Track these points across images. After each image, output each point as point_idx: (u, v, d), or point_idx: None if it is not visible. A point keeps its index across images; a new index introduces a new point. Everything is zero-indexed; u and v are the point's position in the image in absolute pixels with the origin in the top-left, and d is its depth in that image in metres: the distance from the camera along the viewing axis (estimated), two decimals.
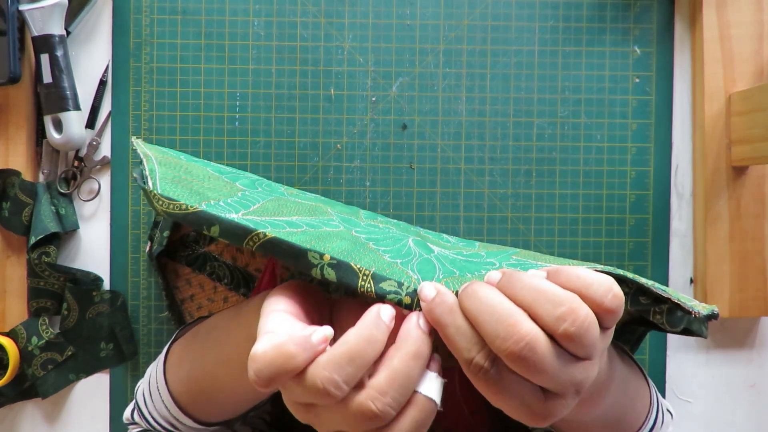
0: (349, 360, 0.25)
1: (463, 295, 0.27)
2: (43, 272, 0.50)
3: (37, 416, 0.52)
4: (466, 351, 0.26)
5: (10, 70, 0.48)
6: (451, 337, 0.26)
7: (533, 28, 0.53)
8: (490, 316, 0.25)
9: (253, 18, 0.52)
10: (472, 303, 0.26)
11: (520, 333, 0.24)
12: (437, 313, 0.27)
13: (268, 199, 0.38)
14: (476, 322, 0.26)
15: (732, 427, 0.55)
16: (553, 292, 0.25)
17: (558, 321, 0.24)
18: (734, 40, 0.52)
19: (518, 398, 0.26)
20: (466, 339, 0.26)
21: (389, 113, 0.53)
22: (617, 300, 0.25)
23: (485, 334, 0.25)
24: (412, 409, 0.26)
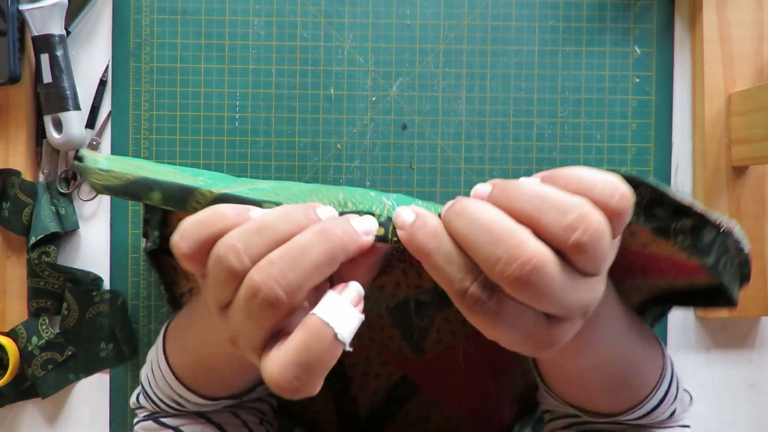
0: (257, 230, 0.23)
1: (449, 215, 0.23)
2: (43, 272, 0.50)
3: (37, 416, 0.52)
4: (457, 281, 0.22)
5: (10, 70, 0.48)
6: (437, 267, 0.23)
7: (533, 28, 0.53)
8: (486, 237, 0.21)
9: (253, 18, 0.52)
10: (462, 222, 0.22)
11: (525, 254, 0.20)
12: (419, 239, 0.23)
13: (238, 182, 0.36)
14: (469, 245, 0.22)
15: (732, 427, 0.55)
16: (559, 197, 0.21)
17: (567, 231, 0.21)
18: (734, 40, 0.52)
19: (520, 329, 0.22)
20: (456, 267, 0.22)
21: (389, 113, 0.53)
22: (626, 200, 0.22)
23: (481, 259, 0.21)
24: (300, 331, 0.22)
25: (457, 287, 0.22)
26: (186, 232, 0.24)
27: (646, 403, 0.34)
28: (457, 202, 0.23)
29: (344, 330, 0.23)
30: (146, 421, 0.39)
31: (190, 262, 0.24)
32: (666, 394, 0.35)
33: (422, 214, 0.24)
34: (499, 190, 0.23)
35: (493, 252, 0.21)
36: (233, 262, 0.22)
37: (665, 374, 0.35)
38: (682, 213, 0.26)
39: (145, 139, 0.52)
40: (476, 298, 0.22)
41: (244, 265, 0.23)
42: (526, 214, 0.22)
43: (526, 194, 0.22)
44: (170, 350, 0.37)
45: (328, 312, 0.23)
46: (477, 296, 0.22)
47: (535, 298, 0.21)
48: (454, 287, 0.22)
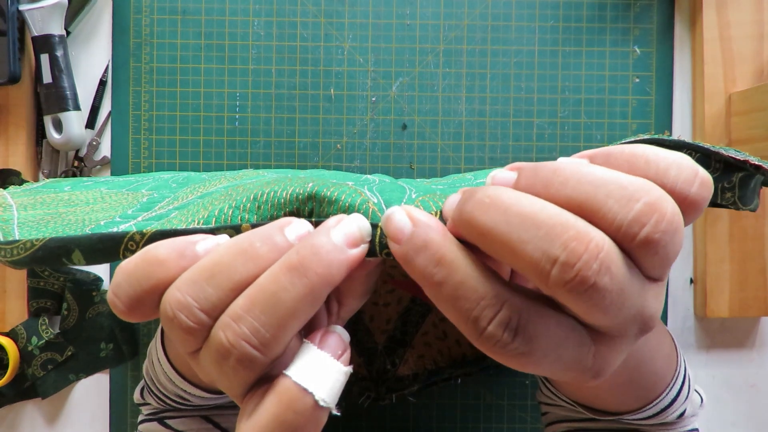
0: (209, 277, 0.18)
1: (469, 209, 0.17)
2: (43, 272, 0.50)
3: (37, 416, 0.52)
4: (472, 319, 0.17)
5: (10, 70, 0.48)
6: (445, 299, 0.17)
7: (533, 28, 0.53)
8: (532, 232, 0.16)
9: (253, 18, 0.52)
10: (493, 216, 0.16)
11: (591, 249, 0.15)
12: (419, 264, 0.17)
13: (187, 188, 0.32)
14: (504, 247, 0.16)
15: (732, 427, 0.55)
16: (619, 180, 0.16)
17: (634, 224, 0.16)
18: (734, 40, 0.52)
19: (559, 362, 0.17)
20: (472, 299, 0.17)
21: (389, 113, 0.53)
22: (706, 189, 0.17)
23: (527, 264, 0.16)
24: (272, 398, 0.18)
25: (473, 326, 0.17)
26: (118, 287, 0.19)
27: (658, 402, 0.32)
28: (479, 192, 0.17)
29: (327, 393, 0.18)
30: (150, 422, 0.38)
31: (133, 318, 0.20)
32: (678, 393, 0.32)
33: (422, 221, 0.18)
34: (531, 174, 0.17)
35: (547, 250, 0.16)
36: (187, 322, 0.18)
37: (678, 372, 0.33)
38: (734, 169, 0.22)
39: (145, 139, 0.52)
40: (497, 340, 0.17)
41: (200, 321, 0.19)
42: (575, 204, 0.16)
43: (572, 179, 0.16)
44: (168, 342, 0.35)
45: (305, 373, 0.18)
46: (498, 338, 0.17)
47: (597, 307, 0.16)
48: (467, 324, 0.17)
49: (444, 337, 0.49)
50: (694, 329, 0.55)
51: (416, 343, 0.49)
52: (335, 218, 0.19)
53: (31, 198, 0.34)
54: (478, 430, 0.53)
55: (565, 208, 0.16)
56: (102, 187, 0.37)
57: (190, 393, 0.34)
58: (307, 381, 0.18)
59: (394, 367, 0.49)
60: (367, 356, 0.49)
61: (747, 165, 0.22)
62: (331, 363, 0.19)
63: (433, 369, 0.49)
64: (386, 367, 0.49)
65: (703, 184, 0.17)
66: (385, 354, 0.49)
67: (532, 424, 0.53)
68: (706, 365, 0.55)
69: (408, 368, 0.49)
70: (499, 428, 0.53)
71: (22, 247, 0.23)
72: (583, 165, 0.17)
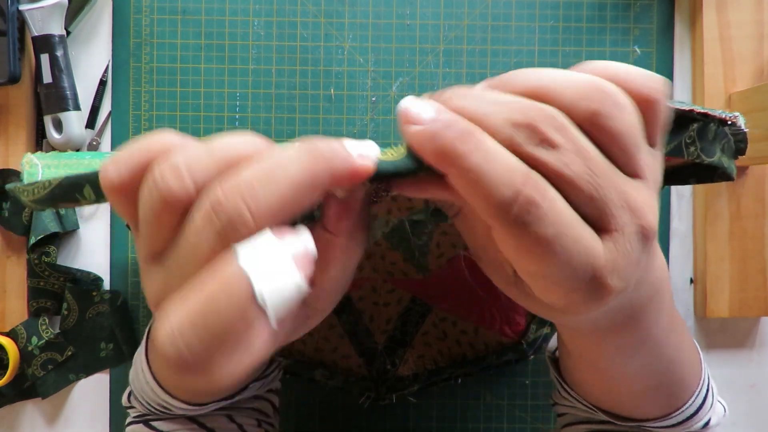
0: (208, 149, 0.17)
1: (448, 97, 0.19)
2: (43, 272, 0.50)
3: (37, 416, 0.52)
4: (504, 185, 0.17)
5: (10, 70, 0.48)
6: (476, 171, 0.17)
7: (533, 28, 0.53)
8: (496, 107, 0.18)
9: (253, 18, 0.52)
10: (467, 102, 0.19)
11: (547, 113, 0.18)
12: (451, 132, 0.18)
13: None
14: (475, 118, 0.18)
15: (732, 427, 0.55)
16: (574, 75, 0.19)
17: (581, 100, 0.18)
18: (734, 40, 0.52)
19: (575, 253, 0.18)
20: (502, 157, 0.17)
21: (389, 113, 0.53)
22: (660, 85, 0.19)
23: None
24: (209, 277, 0.16)
25: (506, 194, 0.17)
26: (119, 157, 0.18)
27: (684, 410, 0.32)
28: (466, 90, 0.19)
29: (269, 292, 0.15)
30: (137, 423, 0.37)
31: (118, 196, 0.19)
32: (703, 401, 0.32)
33: (441, 108, 0.19)
34: (495, 82, 0.20)
35: (509, 118, 0.18)
36: (172, 184, 0.17)
37: (703, 380, 0.33)
38: (687, 121, 0.23)
39: None
40: (531, 202, 0.17)
41: (186, 188, 0.17)
42: (531, 92, 0.18)
43: (532, 76, 0.19)
44: (152, 354, 0.34)
45: (253, 258, 0.16)
46: (532, 199, 0.17)
47: (567, 168, 0.18)
48: (499, 193, 0.17)
49: (444, 337, 0.49)
50: (694, 329, 0.55)
51: (416, 343, 0.49)
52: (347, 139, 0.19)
53: (55, 161, 0.36)
54: (478, 430, 0.53)
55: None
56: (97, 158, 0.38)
57: (171, 404, 0.33)
58: (251, 267, 0.15)
59: (394, 367, 0.49)
60: (367, 356, 0.49)
61: (693, 114, 0.23)
62: (286, 262, 0.16)
63: (433, 369, 0.49)
64: (386, 367, 0.49)
65: (657, 81, 0.19)
66: (386, 354, 0.49)
67: (532, 424, 0.53)
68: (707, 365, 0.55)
69: (408, 368, 0.49)
70: (499, 428, 0.53)
71: (42, 186, 0.25)
72: (540, 70, 0.19)
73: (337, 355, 0.49)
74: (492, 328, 0.48)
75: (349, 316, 0.49)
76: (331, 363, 0.49)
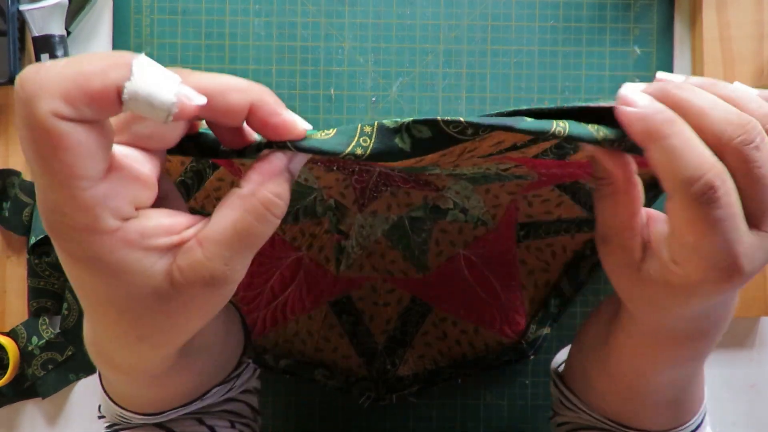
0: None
1: (674, 89, 0.24)
2: (43, 272, 0.50)
3: (37, 416, 0.52)
4: (693, 167, 0.22)
5: (11, 70, 0.48)
6: (673, 149, 0.22)
7: (533, 28, 0.53)
8: (716, 105, 0.23)
9: (253, 18, 0.52)
10: (690, 94, 0.23)
11: (754, 125, 0.22)
12: (660, 117, 0.22)
13: None
14: (698, 111, 0.23)
15: (732, 427, 0.55)
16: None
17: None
18: (734, 40, 0.52)
19: (732, 231, 0.22)
20: (697, 145, 0.22)
21: (389, 113, 0.53)
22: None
23: (713, 124, 0.22)
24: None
25: (693, 174, 0.21)
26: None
27: (691, 423, 0.34)
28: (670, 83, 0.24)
29: (135, 85, 0.17)
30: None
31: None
32: (702, 421, 0.36)
33: (653, 99, 0.24)
34: (702, 83, 0.25)
35: (726, 117, 0.22)
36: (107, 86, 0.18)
37: (705, 400, 0.36)
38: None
39: None
40: (711, 186, 0.21)
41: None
42: (737, 105, 0.24)
43: (739, 90, 0.24)
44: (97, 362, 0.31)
45: (145, 66, 0.18)
46: (713, 184, 0.21)
47: (755, 164, 0.22)
48: (688, 173, 0.22)
49: (444, 337, 0.49)
50: None
51: (416, 343, 0.49)
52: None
53: None
54: (478, 429, 0.53)
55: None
56: None
57: (127, 416, 0.33)
58: (138, 65, 0.17)
59: (394, 367, 0.49)
60: (367, 356, 0.49)
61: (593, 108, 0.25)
62: (168, 82, 0.18)
63: (433, 369, 0.49)
64: (386, 367, 0.49)
65: None
66: (386, 354, 0.49)
67: (532, 424, 0.53)
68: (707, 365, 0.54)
69: (408, 368, 0.49)
70: (499, 428, 0.53)
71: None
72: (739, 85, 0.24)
73: (337, 355, 0.49)
74: (492, 327, 0.48)
75: (349, 316, 0.49)
76: (331, 363, 0.49)
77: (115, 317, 0.21)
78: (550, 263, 0.47)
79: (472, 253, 0.48)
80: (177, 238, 0.20)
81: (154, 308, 0.21)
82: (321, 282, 0.48)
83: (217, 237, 0.20)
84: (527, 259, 0.48)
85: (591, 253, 0.46)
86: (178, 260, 0.20)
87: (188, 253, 0.20)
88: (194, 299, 0.21)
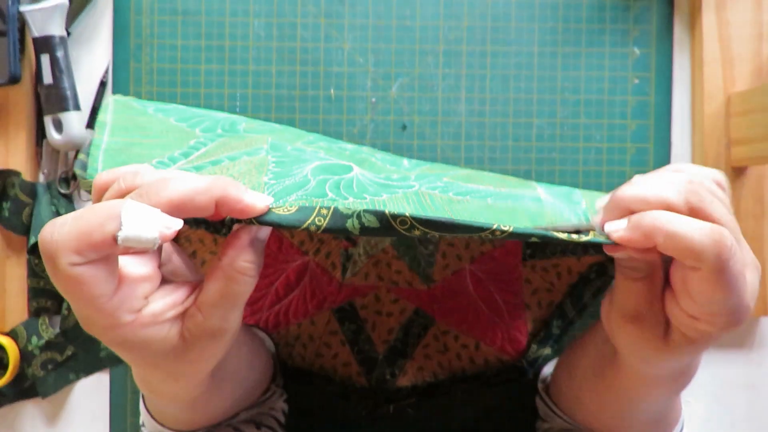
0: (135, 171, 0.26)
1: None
2: (44, 272, 0.50)
3: (37, 416, 0.53)
4: (701, 238, 0.24)
5: (11, 71, 0.48)
6: (674, 234, 0.24)
7: (533, 29, 0.53)
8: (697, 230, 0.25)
9: (253, 18, 0.52)
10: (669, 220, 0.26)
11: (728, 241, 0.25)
12: (647, 224, 0.25)
13: (217, 141, 0.39)
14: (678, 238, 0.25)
15: (731, 427, 0.55)
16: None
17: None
18: (734, 40, 0.52)
19: (743, 285, 0.25)
20: (691, 225, 0.24)
21: (389, 114, 0.53)
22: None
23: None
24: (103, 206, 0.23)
25: (705, 242, 0.24)
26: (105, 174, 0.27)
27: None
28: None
29: (128, 229, 0.22)
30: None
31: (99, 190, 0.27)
32: (681, 429, 0.38)
33: (628, 219, 0.26)
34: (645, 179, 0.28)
35: (707, 240, 0.24)
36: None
37: (682, 418, 0.38)
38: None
39: None
40: (725, 246, 0.24)
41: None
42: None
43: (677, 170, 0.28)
44: (148, 400, 0.38)
45: (133, 210, 0.22)
46: (725, 243, 0.24)
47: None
48: (701, 244, 0.24)
49: (445, 350, 0.49)
50: None
51: (417, 355, 0.49)
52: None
53: (122, 116, 0.42)
54: None
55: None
56: (172, 117, 0.43)
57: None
58: (125, 214, 0.22)
59: (394, 378, 0.49)
60: (367, 365, 0.49)
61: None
62: (152, 222, 0.23)
63: (432, 382, 0.49)
64: (385, 377, 0.48)
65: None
66: (386, 364, 0.49)
67: None
68: (706, 365, 0.55)
69: (407, 379, 0.49)
70: None
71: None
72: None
73: (337, 362, 0.49)
74: (493, 344, 0.48)
75: (351, 323, 0.48)
76: (330, 369, 0.49)
77: (152, 369, 0.28)
78: (555, 284, 0.47)
79: (478, 268, 0.47)
80: (181, 308, 0.26)
81: (177, 359, 0.27)
82: (326, 288, 0.48)
83: (210, 302, 0.26)
84: (532, 279, 0.47)
85: (596, 277, 0.45)
86: (186, 324, 0.26)
87: (192, 318, 0.26)
88: (205, 348, 0.27)
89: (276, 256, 0.47)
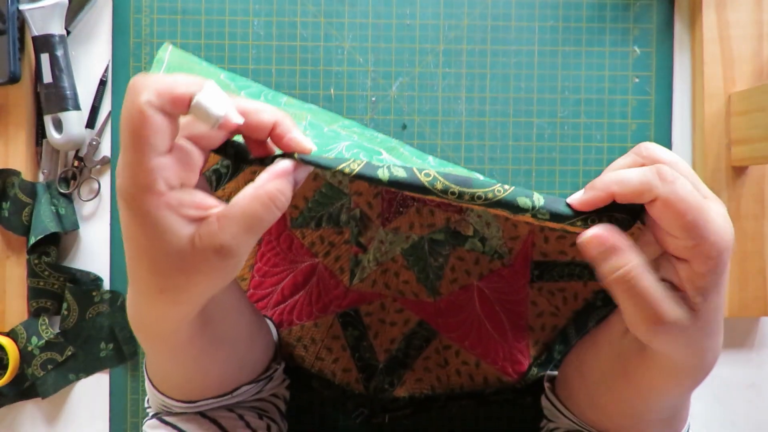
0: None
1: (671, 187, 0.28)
2: (43, 272, 0.50)
3: (37, 416, 0.52)
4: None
5: (10, 70, 0.48)
6: (626, 177, 0.27)
7: (533, 28, 0.53)
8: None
9: (253, 18, 0.52)
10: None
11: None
12: (600, 180, 0.28)
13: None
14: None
15: (732, 427, 0.55)
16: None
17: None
18: (734, 40, 0.52)
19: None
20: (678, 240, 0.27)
21: (389, 113, 0.53)
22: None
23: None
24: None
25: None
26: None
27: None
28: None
29: (201, 99, 0.26)
30: (151, 419, 0.40)
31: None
32: (688, 430, 0.38)
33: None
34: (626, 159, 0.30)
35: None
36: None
37: (689, 419, 0.38)
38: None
39: None
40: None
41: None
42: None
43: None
44: (149, 362, 0.38)
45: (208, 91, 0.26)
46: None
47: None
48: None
49: (445, 364, 0.49)
50: None
51: (416, 367, 0.49)
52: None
53: (178, 58, 0.44)
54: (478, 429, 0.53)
55: None
56: (223, 73, 0.45)
57: (169, 404, 0.38)
58: (207, 87, 0.26)
59: (392, 387, 0.48)
60: (366, 373, 0.48)
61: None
62: (221, 103, 0.26)
63: (429, 394, 0.49)
64: (384, 386, 0.48)
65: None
66: (385, 373, 0.48)
67: None
68: None
69: (405, 390, 0.49)
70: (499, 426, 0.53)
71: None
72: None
73: (337, 367, 0.49)
74: (494, 363, 0.47)
75: (354, 329, 0.48)
76: (330, 373, 0.49)
77: (146, 270, 0.27)
78: (560, 308, 0.46)
79: (486, 285, 0.47)
80: (203, 212, 0.27)
81: (175, 265, 0.27)
82: (332, 291, 0.48)
83: (231, 216, 0.27)
84: (538, 301, 0.47)
85: (602, 305, 0.45)
86: (200, 230, 0.27)
87: (208, 225, 0.27)
88: (206, 263, 0.27)
89: (285, 255, 0.47)
